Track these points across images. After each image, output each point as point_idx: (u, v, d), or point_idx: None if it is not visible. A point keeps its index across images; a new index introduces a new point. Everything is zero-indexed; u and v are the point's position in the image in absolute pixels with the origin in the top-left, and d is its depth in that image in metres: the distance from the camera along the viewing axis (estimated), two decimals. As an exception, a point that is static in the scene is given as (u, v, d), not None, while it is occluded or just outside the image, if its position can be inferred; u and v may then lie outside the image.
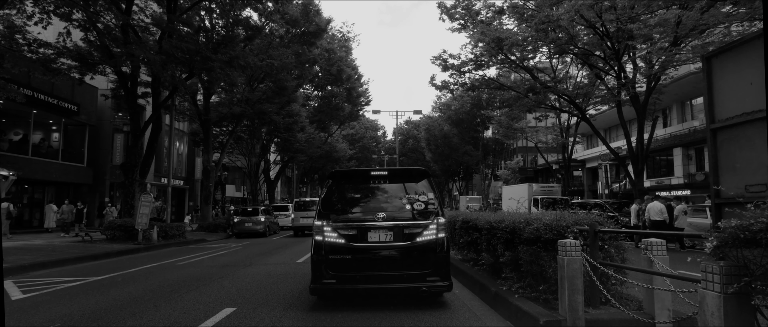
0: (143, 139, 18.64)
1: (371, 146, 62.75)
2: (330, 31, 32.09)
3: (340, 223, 5.94)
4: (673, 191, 27.61)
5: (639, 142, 18.96)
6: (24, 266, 9.79)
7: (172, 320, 5.53)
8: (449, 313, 5.74)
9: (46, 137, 23.86)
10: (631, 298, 5.10)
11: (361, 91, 39.56)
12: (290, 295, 7.00)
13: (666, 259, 4.29)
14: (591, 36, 18.37)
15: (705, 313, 2.90)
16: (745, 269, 2.76)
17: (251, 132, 30.41)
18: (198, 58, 15.73)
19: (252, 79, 25.16)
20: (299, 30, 24.68)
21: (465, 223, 8.50)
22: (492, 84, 24.62)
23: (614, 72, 19.28)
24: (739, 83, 4.93)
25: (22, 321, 5.62)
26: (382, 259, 5.86)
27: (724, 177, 5.06)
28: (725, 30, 15.65)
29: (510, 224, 6.10)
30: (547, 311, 4.81)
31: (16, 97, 14.91)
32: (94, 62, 15.92)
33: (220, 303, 6.40)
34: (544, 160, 39.65)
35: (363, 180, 6.56)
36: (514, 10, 20.11)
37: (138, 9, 16.12)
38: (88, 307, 6.32)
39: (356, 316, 5.58)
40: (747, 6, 13.92)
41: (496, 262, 6.79)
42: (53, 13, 14.43)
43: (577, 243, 4.65)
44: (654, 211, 14.36)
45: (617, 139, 32.86)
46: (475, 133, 45.63)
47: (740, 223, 2.73)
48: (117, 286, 7.88)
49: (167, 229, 17.13)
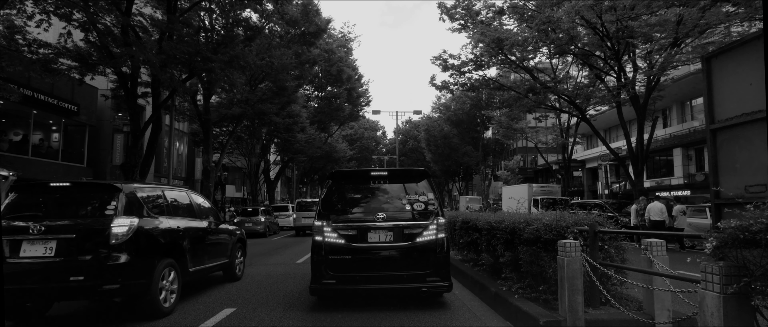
0: (143, 140, 18.63)
1: (371, 146, 62.72)
2: (331, 32, 32.09)
3: (340, 224, 5.94)
4: (673, 191, 27.61)
5: (639, 142, 18.96)
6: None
7: (172, 320, 5.53)
8: (449, 313, 5.74)
9: (46, 137, 23.85)
10: (631, 299, 5.11)
11: (361, 91, 39.56)
12: (290, 295, 7.01)
13: (666, 260, 4.30)
14: (591, 36, 18.37)
15: (705, 314, 2.90)
16: (744, 270, 2.76)
17: (251, 132, 30.40)
18: (198, 58, 15.73)
19: (252, 79, 25.16)
20: (299, 30, 24.66)
21: (465, 223, 8.50)
22: (492, 84, 24.63)
23: (614, 72, 19.28)
24: (739, 84, 4.93)
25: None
26: (382, 259, 5.86)
27: (724, 177, 5.06)
28: (725, 30, 15.66)
29: (510, 225, 6.11)
30: (547, 311, 4.82)
31: (10, 96, 14.89)
32: (95, 63, 15.90)
33: (220, 303, 6.41)
34: (544, 160, 39.64)
35: (363, 180, 6.57)
36: (515, 10, 20.12)
37: (137, 12, 16.12)
38: (88, 306, 6.32)
39: (356, 317, 5.59)
40: (747, 6, 13.92)
41: (496, 263, 6.80)
42: (53, 13, 14.43)
43: (576, 243, 4.65)
44: (654, 211, 14.38)
45: (617, 140, 32.86)
46: (475, 134, 45.61)
47: (740, 224, 2.73)
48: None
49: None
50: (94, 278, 4.99)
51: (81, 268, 4.97)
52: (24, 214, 5.29)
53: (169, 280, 5.81)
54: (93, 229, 5.20)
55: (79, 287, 4.98)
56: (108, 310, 6.17)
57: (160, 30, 15.79)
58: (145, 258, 5.46)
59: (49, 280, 4.98)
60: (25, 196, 5.70)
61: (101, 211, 5.38)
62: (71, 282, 4.93)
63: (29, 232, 5.06)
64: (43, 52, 14.92)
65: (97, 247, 5.09)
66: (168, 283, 5.79)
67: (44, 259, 4.99)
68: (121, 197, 5.44)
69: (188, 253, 6.42)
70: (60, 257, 4.99)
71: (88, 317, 5.98)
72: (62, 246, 5.02)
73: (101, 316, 5.98)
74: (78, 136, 24.86)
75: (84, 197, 5.73)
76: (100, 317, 5.95)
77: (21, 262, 4.97)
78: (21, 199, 5.61)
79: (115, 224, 5.17)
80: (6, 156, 19.58)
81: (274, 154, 40.80)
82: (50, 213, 5.44)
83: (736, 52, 5.11)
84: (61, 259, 4.99)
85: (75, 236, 5.08)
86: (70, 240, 5.06)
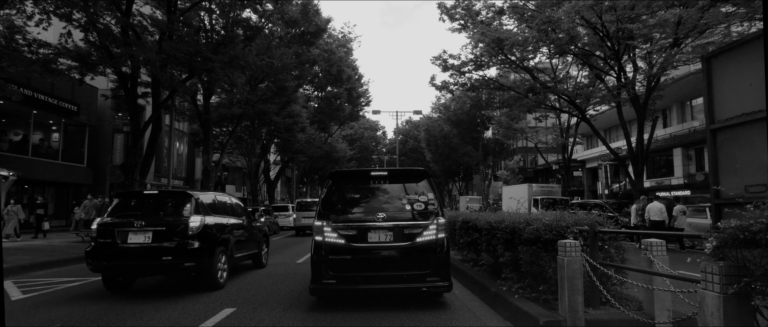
0: (143, 140, 18.62)
1: (371, 146, 62.73)
2: (331, 32, 32.08)
3: (340, 224, 5.94)
4: (673, 191, 27.60)
5: (639, 142, 18.95)
6: (24, 266, 9.79)
7: (172, 320, 5.53)
8: (449, 313, 5.74)
9: (46, 137, 23.85)
10: (631, 299, 5.10)
11: (361, 91, 39.55)
12: (290, 295, 7.01)
13: (666, 260, 4.29)
14: (591, 36, 18.37)
15: (705, 314, 2.90)
16: (744, 270, 2.76)
17: (251, 132, 30.41)
18: (198, 58, 15.72)
19: (252, 79, 25.15)
20: (298, 30, 24.66)
21: (465, 223, 8.50)
22: (492, 84, 24.63)
23: (614, 72, 19.28)
24: (739, 84, 4.93)
25: (22, 321, 5.62)
26: (382, 259, 5.86)
27: (724, 177, 5.07)
28: (725, 30, 15.65)
29: (510, 225, 6.11)
30: (547, 311, 4.81)
31: (11, 96, 14.87)
32: (95, 63, 15.89)
33: (220, 303, 6.41)
34: (544, 160, 39.64)
35: (363, 180, 6.56)
36: (515, 10, 20.11)
37: (137, 12, 16.10)
38: (88, 307, 6.32)
39: (356, 317, 5.58)
40: (747, 6, 13.92)
41: (496, 263, 6.80)
42: (53, 13, 14.42)
43: (576, 243, 4.65)
44: (654, 211, 14.37)
45: (617, 140, 32.86)
46: (475, 134, 45.61)
47: (740, 224, 2.73)
48: (117, 286, 7.89)
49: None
50: (178, 258, 6.89)
51: (169, 251, 6.90)
52: (128, 213, 7.38)
53: (222, 262, 7.71)
54: (176, 223, 7.13)
55: (168, 264, 6.91)
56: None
57: (160, 30, 15.77)
58: (209, 244, 7.30)
59: (148, 258, 6.93)
60: (126, 201, 7.87)
61: (180, 211, 7.36)
62: (163, 260, 6.87)
63: (133, 226, 6.99)
64: (43, 52, 14.90)
65: (180, 236, 7.01)
66: (222, 265, 7.69)
67: (144, 244, 6.93)
68: (193, 201, 7.44)
69: (233, 243, 8.27)
70: (155, 243, 6.91)
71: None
72: (156, 235, 6.95)
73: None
74: (78, 136, 24.86)
75: (168, 201, 7.82)
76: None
77: (129, 247, 6.94)
78: (123, 203, 7.75)
79: (191, 220, 7.13)
80: (6, 156, 19.58)
81: (274, 154, 40.79)
82: (146, 212, 7.40)
83: (736, 52, 5.11)
84: (156, 244, 6.92)
85: (165, 228, 7.03)
86: (161, 231, 6.99)
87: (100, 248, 7.06)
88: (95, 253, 7.05)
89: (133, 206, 7.67)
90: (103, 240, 7.09)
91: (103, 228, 7.16)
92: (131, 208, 7.61)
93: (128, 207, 7.63)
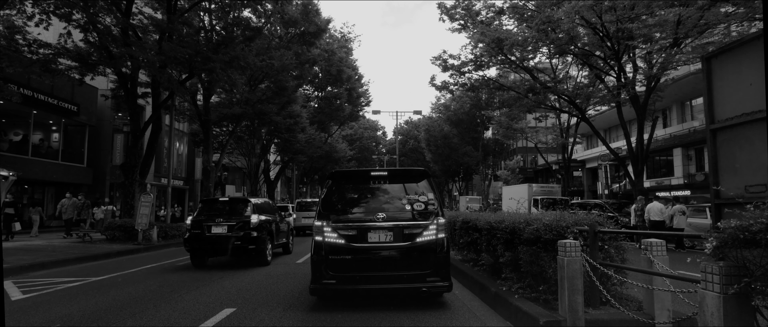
0: (143, 140, 18.62)
1: (371, 146, 62.73)
2: (331, 32, 32.05)
3: (340, 224, 5.94)
4: (673, 191, 27.60)
5: (639, 142, 18.95)
6: (24, 266, 9.79)
7: (172, 320, 5.53)
8: (449, 313, 5.74)
9: (46, 137, 23.84)
10: (631, 299, 5.10)
11: (361, 91, 39.52)
12: (290, 295, 7.01)
13: (666, 260, 4.29)
14: (591, 36, 18.37)
15: (705, 314, 2.90)
16: (744, 270, 2.76)
17: (251, 132, 30.39)
18: (199, 58, 15.72)
19: (252, 79, 25.15)
20: (298, 30, 24.65)
21: (465, 223, 8.50)
22: (492, 84, 24.63)
23: (614, 72, 19.28)
24: (739, 84, 4.93)
25: (22, 321, 5.62)
26: (382, 259, 5.85)
27: (724, 177, 5.06)
28: (725, 30, 15.65)
29: (510, 225, 6.10)
30: (547, 311, 4.81)
31: (11, 97, 14.87)
32: (94, 63, 15.90)
33: (220, 303, 6.41)
34: (544, 160, 39.63)
35: (363, 180, 6.56)
36: (514, 10, 20.11)
37: (137, 12, 16.10)
38: (88, 307, 6.32)
39: (356, 317, 5.58)
40: (747, 6, 13.92)
41: (496, 263, 6.80)
42: (53, 13, 14.42)
43: (576, 243, 4.65)
44: (654, 211, 14.38)
45: (617, 140, 32.85)
46: (475, 134, 45.60)
47: (740, 224, 2.73)
48: (117, 287, 7.90)
49: (167, 229, 17.15)
50: (244, 243, 10.23)
51: (239, 238, 10.21)
52: (210, 213, 10.82)
53: (269, 247, 10.94)
54: (243, 219, 10.45)
55: (239, 247, 10.23)
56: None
57: (160, 30, 15.76)
58: (262, 234, 10.57)
59: (224, 244, 10.23)
60: (208, 205, 11.33)
61: (244, 211, 10.74)
62: (236, 244, 10.20)
63: (215, 221, 10.44)
64: (43, 52, 14.91)
65: (246, 228, 10.33)
66: (269, 249, 10.95)
67: (222, 234, 10.32)
68: (251, 204, 10.92)
69: (274, 233, 11.50)
70: (230, 233, 10.27)
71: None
72: (229, 228, 10.33)
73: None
74: (78, 136, 24.85)
75: (236, 204, 11.19)
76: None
77: (212, 235, 10.33)
78: (206, 206, 11.24)
79: (252, 217, 10.47)
80: (6, 156, 19.58)
81: (274, 154, 40.76)
82: (222, 212, 10.85)
83: (736, 52, 5.11)
84: (231, 234, 10.27)
85: (235, 223, 10.38)
86: (233, 225, 10.36)
87: (193, 237, 10.34)
88: (190, 240, 10.34)
89: (213, 208, 11.07)
90: (195, 231, 10.36)
91: (195, 223, 10.45)
92: (212, 209, 10.99)
93: (210, 209, 11.04)
